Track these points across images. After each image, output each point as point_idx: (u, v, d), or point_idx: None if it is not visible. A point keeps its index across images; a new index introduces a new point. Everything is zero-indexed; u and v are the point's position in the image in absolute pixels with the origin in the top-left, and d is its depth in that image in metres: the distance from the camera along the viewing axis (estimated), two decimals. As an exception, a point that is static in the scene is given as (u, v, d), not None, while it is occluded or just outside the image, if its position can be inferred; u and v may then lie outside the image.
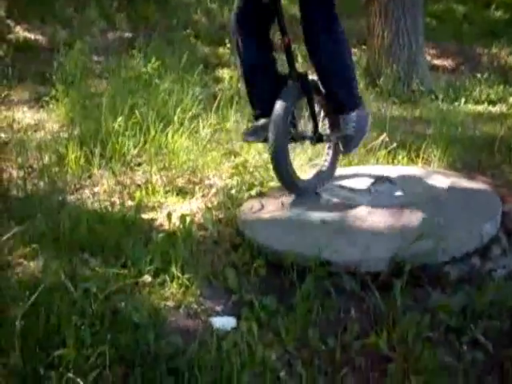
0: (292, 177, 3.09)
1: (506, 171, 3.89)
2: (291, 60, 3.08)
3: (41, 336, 2.13)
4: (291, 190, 3.18)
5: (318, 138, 3.21)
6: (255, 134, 3.14)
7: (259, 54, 3.15)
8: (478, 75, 6.36)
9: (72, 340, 2.06)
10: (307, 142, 3.29)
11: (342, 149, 3.22)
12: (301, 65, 4.98)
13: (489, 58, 7.38)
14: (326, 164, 3.34)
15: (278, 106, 2.97)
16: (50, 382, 1.97)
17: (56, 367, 2.02)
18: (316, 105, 3.21)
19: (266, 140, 3.05)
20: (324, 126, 3.29)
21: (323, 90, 3.19)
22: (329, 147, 3.34)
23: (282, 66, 3.23)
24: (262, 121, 3.12)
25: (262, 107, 3.15)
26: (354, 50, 6.63)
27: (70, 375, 1.97)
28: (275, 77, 3.18)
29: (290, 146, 3.16)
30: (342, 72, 3.13)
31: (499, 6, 10.60)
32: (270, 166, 3.16)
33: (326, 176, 3.33)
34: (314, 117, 3.18)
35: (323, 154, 3.39)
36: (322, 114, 3.28)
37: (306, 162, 3.56)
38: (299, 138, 3.21)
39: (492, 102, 5.99)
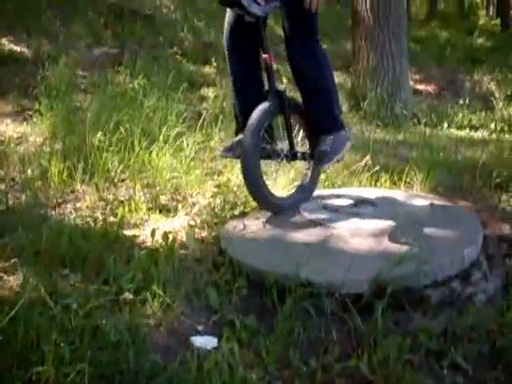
0: (264, 191, 3.09)
1: (486, 196, 3.93)
2: (271, 77, 3.14)
3: (19, 352, 2.09)
4: (264, 207, 3.18)
5: (293, 156, 3.25)
6: (232, 150, 3.19)
7: (246, 66, 3.21)
8: (461, 101, 6.44)
9: (51, 357, 2.03)
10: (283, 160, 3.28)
11: (315, 162, 3.27)
12: (286, 86, 5.01)
13: (471, 84, 7.49)
14: (306, 181, 3.36)
15: (253, 119, 3.00)
16: (28, 400, 1.94)
17: (34, 384, 1.99)
18: (296, 123, 3.25)
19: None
20: (300, 144, 3.32)
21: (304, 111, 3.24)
22: (309, 165, 3.36)
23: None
24: (240, 136, 3.15)
25: (243, 120, 3.19)
26: (338, 73, 6.70)
27: (49, 392, 1.95)
28: (259, 92, 3.22)
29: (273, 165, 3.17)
30: (324, 97, 3.19)
31: (481, 33, 10.80)
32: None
33: (306, 193, 3.34)
34: (289, 134, 3.22)
35: (304, 172, 3.41)
36: (302, 132, 3.32)
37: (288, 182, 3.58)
38: (275, 155, 3.22)
39: (474, 128, 6.07)
